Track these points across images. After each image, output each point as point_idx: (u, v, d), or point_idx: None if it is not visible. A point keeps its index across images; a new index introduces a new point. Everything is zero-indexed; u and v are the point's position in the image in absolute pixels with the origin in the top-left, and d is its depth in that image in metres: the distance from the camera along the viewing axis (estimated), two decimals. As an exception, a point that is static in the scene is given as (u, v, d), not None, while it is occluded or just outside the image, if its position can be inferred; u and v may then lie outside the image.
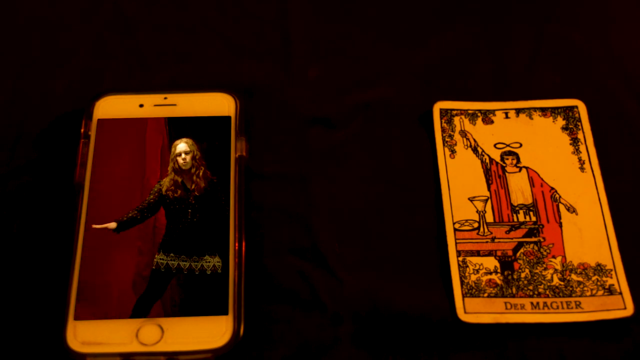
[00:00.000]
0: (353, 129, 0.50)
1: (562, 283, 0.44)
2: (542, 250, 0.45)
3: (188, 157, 0.46)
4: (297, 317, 0.44)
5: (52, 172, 0.48)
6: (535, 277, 0.44)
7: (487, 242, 0.46)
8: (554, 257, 0.45)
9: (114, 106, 0.48)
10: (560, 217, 0.46)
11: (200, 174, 0.46)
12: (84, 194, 0.45)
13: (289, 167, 0.49)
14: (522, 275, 0.45)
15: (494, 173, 0.48)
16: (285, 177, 0.48)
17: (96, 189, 0.45)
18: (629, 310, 0.43)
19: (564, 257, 0.45)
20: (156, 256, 0.44)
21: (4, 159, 0.49)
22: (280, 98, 0.52)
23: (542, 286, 0.44)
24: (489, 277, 0.45)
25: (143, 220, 0.44)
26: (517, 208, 0.47)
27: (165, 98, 0.49)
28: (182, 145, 0.46)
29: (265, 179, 0.48)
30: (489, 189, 0.48)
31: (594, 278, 0.44)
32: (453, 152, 0.49)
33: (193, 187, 0.45)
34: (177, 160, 0.46)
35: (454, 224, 0.46)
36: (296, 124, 0.50)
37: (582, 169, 0.48)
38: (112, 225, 0.44)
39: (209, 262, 0.44)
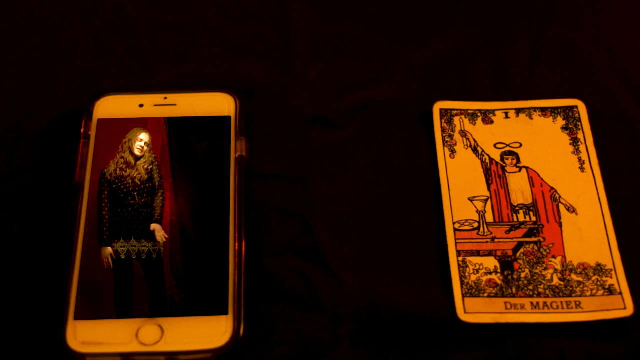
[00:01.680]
0: (353, 129, 0.50)
1: (562, 283, 0.44)
2: (542, 250, 0.45)
3: (146, 148, 0.46)
4: (297, 317, 0.44)
5: (52, 172, 0.48)
6: (535, 277, 0.44)
7: (487, 242, 0.46)
8: (554, 257, 0.45)
9: (114, 106, 0.48)
10: (560, 217, 0.46)
11: (147, 165, 0.46)
12: (84, 194, 0.45)
13: (289, 167, 0.49)
14: (522, 275, 0.45)
15: (494, 173, 0.48)
16: (285, 177, 0.48)
17: (96, 189, 0.45)
18: (629, 310, 0.43)
19: (564, 257, 0.45)
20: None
21: (4, 159, 0.49)
22: (280, 98, 0.52)
23: (542, 286, 0.44)
24: (489, 277, 0.45)
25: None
26: (517, 208, 0.47)
27: (165, 98, 0.49)
28: (145, 135, 0.46)
29: (265, 179, 0.48)
30: (489, 189, 0.48)
31: (594, 278, 0.44)
32: (453, 152, 0.49)
33: (136, 173, 0.45)
34: (134, 144, 0.46)
35: (454, 224, 0.46)
36: (296, 124, 0.50)
37: (582, 169, 0.48)
38: (108, 251, 0.44)
39: (156, 246, 0.44)
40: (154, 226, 0.44)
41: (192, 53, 0.54)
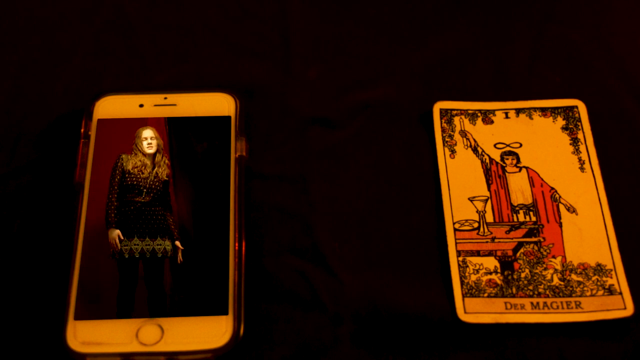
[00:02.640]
0: (353, 129, 0.50)
1: (562, 283, 0.44)
2: (542, 250, 0.45)
3: (154, 142, 0.46)
4: (297, 317, 0.44)
5: (52, 172, 0.48)
6: (535, 277, 0.44)
7: (487, 242, 0.46)
8: (554, 257, 0.45)
9: (114, 106, 0.48)
10: (560, 217, 0.46)
11: (166, 160, 0.46)
12: (84, 194, 0.45)
13: (289, 167, 0.49)
14: (522, 275, 0.45)
15: (494, 173, 0.48)
16: (285, 177, 0.48)
17: (96, 189, 0.45)
18: (629, 310, 0.43)
19: (564, 257, 0.45)
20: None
21: (4, 159, 0.49)
22: (280, 98, 0.52)
23: (542, 286, 0.44)
24: (489, 277, 0.45)
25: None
26: (517, 208, 0.47)
27: (165, 98, 0.49)
28: (148, 132, 0.46)
29: (265, 179, 0.48)
30: (489, 189, 0.48)
31: (594, 278, 0.44)
32: (453, 152, 0.49)
33: (156, 170, 0.45)
34: (143, 145, 0.46)
35: (454, 224, 0.46)
36: (296, 124, 0.50)
37: (582, 169, 0.48)
38: (116, 232, 0.44)
39: (160, 245, 0.44)
40: (177, 243, 0.44)
41: (192, 53, 0.54)
